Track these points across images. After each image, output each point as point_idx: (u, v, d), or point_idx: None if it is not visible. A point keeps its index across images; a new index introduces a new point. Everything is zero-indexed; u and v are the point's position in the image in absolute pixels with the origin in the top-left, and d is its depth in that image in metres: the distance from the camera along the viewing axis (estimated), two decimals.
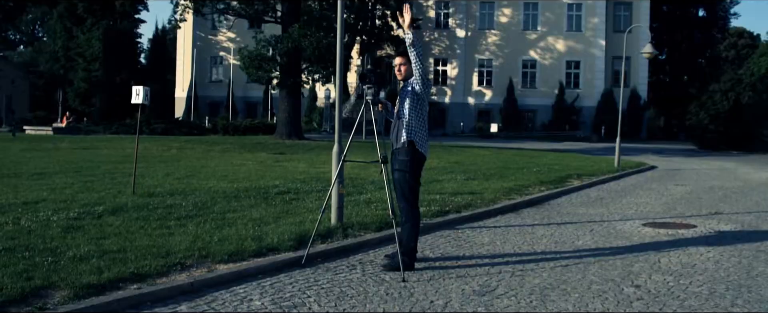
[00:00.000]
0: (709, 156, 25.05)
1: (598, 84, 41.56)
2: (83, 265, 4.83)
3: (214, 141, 24.07)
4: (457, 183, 11.35)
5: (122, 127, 31.03)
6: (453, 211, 8.29)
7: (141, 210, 7.33)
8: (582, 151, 25.25)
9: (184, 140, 23.69)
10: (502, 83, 42.15)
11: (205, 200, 8.25)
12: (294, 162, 15.52)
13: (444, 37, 43.95)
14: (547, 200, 10.39)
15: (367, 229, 6.81)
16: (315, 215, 7.08)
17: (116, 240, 5.72)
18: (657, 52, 19.00)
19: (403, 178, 5.38)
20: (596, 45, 41.82)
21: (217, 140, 24.80)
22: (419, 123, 5.40)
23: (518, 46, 42.65)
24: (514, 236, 7.19)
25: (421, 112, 5.42)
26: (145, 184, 9.86)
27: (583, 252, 6.35)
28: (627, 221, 8.33)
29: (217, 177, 11.32)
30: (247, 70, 24.74)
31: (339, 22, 6.87)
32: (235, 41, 42.82)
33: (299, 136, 25.45)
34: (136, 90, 8.64)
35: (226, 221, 6.83)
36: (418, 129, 5.39)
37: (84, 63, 44.17)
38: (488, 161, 17.41)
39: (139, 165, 11.63)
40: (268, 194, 9.03)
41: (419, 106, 5.40)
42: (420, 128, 5.41)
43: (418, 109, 5.39)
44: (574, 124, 40.87)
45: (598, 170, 15.22)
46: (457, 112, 42.83)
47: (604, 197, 10.99)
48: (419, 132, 5.40)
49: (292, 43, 23.29)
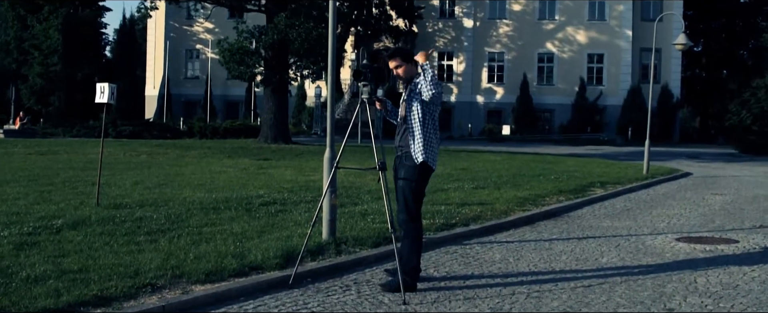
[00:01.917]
0: (751, 161, 25.09)
1: (625, 80, 41.66)
2: (39, 287, 4.81)
3: (190, 145, 24.06)
4: (465, 192, 11.34)
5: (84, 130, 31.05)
6: (460, 224, 8.28)
7: (106, 224, 7.31)
8: (606, 155, 25.27)
9: (155, 144, 23.67)
10: (516, 80, 42.24)
11: (180, 212, 8.23)
12: (280, 169, 15.51)
13: (449, 28, 44.07)
14: (566, 211, 10.37)
15: (364, 244, 6.79)
16: (304, 228, 7.07)
17: (77, 258, 5.70)
18: (692, 43, 19.04)
19: (408, 187, 5.38)
20: (622, 36, 41.94)
21: (193, 144, 24.79)
22: (431, 136, 5.39)
23: (533, 37, 42.77)
24: (530, 252, 7.17)
25: (433, 119, 5.41)
26: (110, 194, 9.83)
27: (608, 271, 6.33)
28: (658, 236, 8.32)
29: (193, 186, 11.30)
30: (227, 65, 24.78)
31: (331, 11, 6.88)
32: (214, 32, 42.86)
33: (286, 139, 25.47)
34: (101, 87, 8.63)
35: (203, 236, 6.82)
36: (430, 144, 5.38)
37: (40, 56, 44.21)
38: (500, 167, 17.41)
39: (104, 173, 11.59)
40: (251, 206, 9.01)
41: (431, 112, 5.38)
42: (433, 141, 5.40)
43: (430, 114, 5.38)
44: (596, 126, 40.95)
45: (624, 178, 15.23)
46: (464, 113, 42.90)
47: (631, 208, 10.99)
48: (432, 147, 5.39)
49: (278, 34, 23.33)
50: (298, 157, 20.03)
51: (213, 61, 38.02)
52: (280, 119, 25.68)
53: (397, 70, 5.47)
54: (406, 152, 5.38)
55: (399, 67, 5.45)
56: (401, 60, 5.45)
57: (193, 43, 46.44)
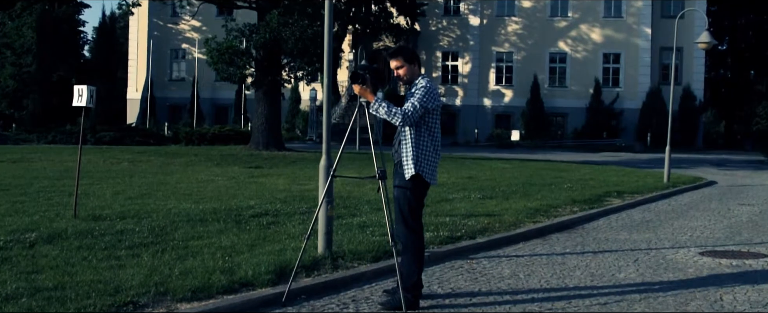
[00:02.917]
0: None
1: (643, 81, 41.72)
2: (10, 306, 4.81)
3: (175, 152, 24.08)
4: (471, 203, 11.35)
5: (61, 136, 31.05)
6: (466, 237, 8.29)
7: (84, 237, 7.31)
8: (623, 163, 25.29)
9: (137, 151, 23.70)
10: (525, 81, 42.30)
11: (164, 225, 8.23)
12: (273, 178, 15.52)
13: (454, 26, 44.18)
14: (580, 223, 10.39)
15: (362, 259, 6.80)
16: (298, 242, 7.07)
17: (53, 274, 5.70)
18: (716, 41, 19.08)
19: (403, 196, 5.37)
20: (640, 34, 42.03)
21: (179, 151, 24.81)
22: (427, 145, 5.31)
23: (544, 36, 42.86)
24: (541, 267, 7.18)
25: (430, 128, 5.33)
26: (89, 205, 9.83)
27: (625, 287, 6.33)
28: (680, 249, 8.32)
29: (178, 196, 11.30)
30: (215, 66, 24.79)
31: (327, 8, 6.91)
32: (201, 31, 42.97)
33: (279, 146, 25.48)
34: (79, 90, 8.64)
35: (189, 250, 6.82)
36: (425, 154, 5.31)
37: (13, 56, 44.30)
38: (508, 175, 17.43)
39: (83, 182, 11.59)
40: (241, 217, 9.02)
41: (427, 121, 5.31)
42: (429, 151, 5.32)
43: (426, 123, 5.31)
44: (613, 131, 40.99)
45: (643, 187, 15.25)
46: (470, 117, 42.95)
47: (651, 220, 10.99)
48: (428, 158, 5.32)
49: (270, 33, 23.37)
50: (291, 164, 20.04)
51: (200, 62, 38.10)
52: (273, 124, 25.69)
53: (399, 71, 5.45)
54: (400, 161, 5.38)
55: (400, 67, 5.44)
56: (403, 60, 5.44)
57: (178, 43, 46.53)
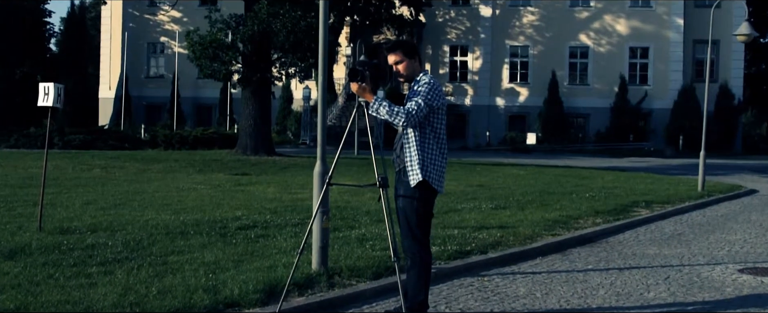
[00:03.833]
0: None
1: (674, 78, 41.71)
2: None
3: (153, 157, 24.07)
4: (482, 213, 11.34)
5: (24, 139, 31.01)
6: (477, 251, 8.28)
7: (50, 252, 7.30)
8: (652, 169, 25.27)
9: (111, 157, 23.69)
10: (543, 79, 42.29)
11: (140, 238, 8.22)
12: (261, 186, 15.52)
13: (463, 18, 44.22)
14: (604, 236, 10.38)
15: (361, 276, 6.79)
16: (290, 257, 7.06)
17: (14, 295, 5.68)
18: (757, 33, 19.06)
19: (409, 206, 5.36)
20: (672, 25, 42.02)
21: (158, 156, 24.80)
22: (432, 149, 5.32)
23: (564, 28, 42.87)
24: (560, 285, 7.16)
25: (436, 130, 5.34)
26: (56, 216, 9.82)
27: (655, 308, 6.31)
28: (716, 266, 8.30)
29: (156, 206, 11.30)
30: (197, 62, 24.82)
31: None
32: (182, 22, 43.03)
33: (269, 150, 25.48)
34: (45, 88, 8.63)
35: (168, 267, 6.81)
36: (432, 159, 5.31)
37: None
38: (524, 183, 17.41)
39: (49, 191, 11.59)
40: (227, 230, 9.01)
41: (432, 122, 5.32)
42: (435, 155, 5.33)
43: (431, 124, 5.32)
44: (640, 134, 40.95)
45: (674, 196, 15.23)
46: (481, 118, 42.95)
47: (683, 233, 10.97)
48: (435, 162, 5.32)
49: (258, 25, 23.39)
50: (282, 171, 20.04)
51: (181, 57, 38.08)
52: (262, 126, 25.69)
53: (398, 66, 5.45)
54: (404, 168, 5.37)
55: (400, 63, 5.44)
56: (403, 54, 5.44)
57: (156, 36, 46.58)
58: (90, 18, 52.50)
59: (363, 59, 5.15)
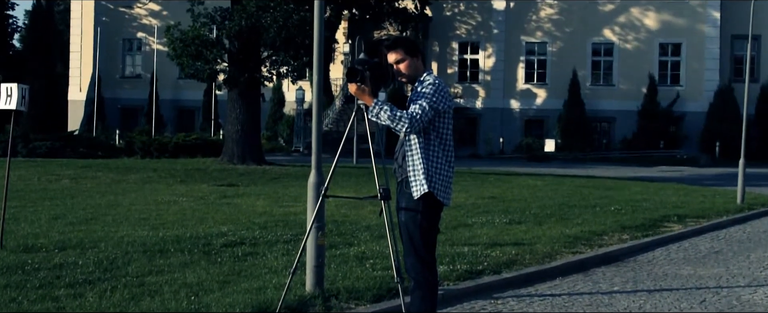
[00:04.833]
0: None
1: (710, 78, 41.69)
2: None
3: (129, 166, 24.09)
4: (496, 229, 11.33)
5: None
6: (489, 271, 8.27)
7: (13, 273, 7.29)
8: (685, 179, 25.24)
9: (81, 166, 23.69)
10: (562, 79, 42.31)
11: (114, 257, 8.22)
12: (250, 198, 15.51)
13: (474, 11, 44.28)
14: (631, 254, 10.34)
15: (360, 299, 6.78)
16: (282, 277, 7.06)
17: None
18: None
19: (412, 221, 5.36)
20: (706, 18, 42.03)
21: (134, 165, 24.82)
22: (438, 157, 5.32)
23: (586, 22, 42.90)
24: (583, 309, 7.14)
25: (442, 136, 5.34)
26: (19, 232, 9.81)
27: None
28: (758, 288, 8.29)
29: (132, 221, 11.29)
30: (179, 60, 24.86)
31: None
32: (161, 16, 43.11)
33: (258, 159, 25.48)
34: (7, 89, 8.64)
35: (145, 288, 6.81)
36: (437, 168, 5.31)
37: None
38: (541, 195, 17.40)
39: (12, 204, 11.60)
40: (211, 247, 9.00)
41: (437, 127, 5.33)
42: (441, 164, 5.32)
43: (437, 130, 5.33)
44: (672, 140, 40.92)
45: (710, 209, 15.19)
46: (493, 123, 42.96)
47: (721, 250, 10.95)
48: (441, 172, 5.32)
49: (246, 19, 23.44)
50: (273, 182, 20.02)
51: (160, 55, 38.18)
52: (250, 132, 25.71)
53: (399, 65, 5.46)
54: (406, 178, 5.38)
55: (401, 61, 5.45)
56: (404, 53, 5.45)
57: (133, 31, 46.67)
58: (58, 11, 52.53)
59: (362, 58, 5.16)
